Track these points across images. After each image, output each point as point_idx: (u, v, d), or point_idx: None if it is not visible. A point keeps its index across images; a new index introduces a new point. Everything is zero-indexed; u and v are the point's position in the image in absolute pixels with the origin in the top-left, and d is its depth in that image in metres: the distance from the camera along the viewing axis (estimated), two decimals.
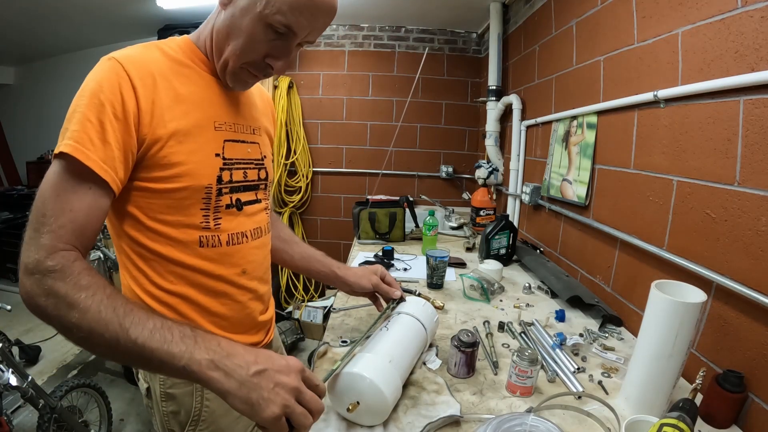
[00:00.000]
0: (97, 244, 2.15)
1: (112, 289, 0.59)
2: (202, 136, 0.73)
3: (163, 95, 0.68)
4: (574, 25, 1.69)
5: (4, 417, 1.40)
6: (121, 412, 2.07)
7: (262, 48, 0.71)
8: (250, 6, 0.68)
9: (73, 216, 0.61)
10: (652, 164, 1.21)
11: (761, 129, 0.85)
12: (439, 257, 1.51)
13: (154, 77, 0.68)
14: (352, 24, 3.18)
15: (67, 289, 0.56)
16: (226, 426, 0.83)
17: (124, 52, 0.69)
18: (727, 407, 0.84)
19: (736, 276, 0.90)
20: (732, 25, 0.92)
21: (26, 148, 3.76)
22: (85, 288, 0.57)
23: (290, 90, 3.12)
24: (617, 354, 1.10)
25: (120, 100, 0.64)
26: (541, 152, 2.08)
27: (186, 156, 0.70)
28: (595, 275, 1.52)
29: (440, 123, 3.29)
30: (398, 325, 0.98)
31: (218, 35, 0.74)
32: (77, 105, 0.63)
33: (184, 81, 0.73)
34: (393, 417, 0.83)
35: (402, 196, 2.56)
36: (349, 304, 1.39)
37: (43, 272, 0.57)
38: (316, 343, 2.69)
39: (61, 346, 2.64)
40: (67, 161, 0.61)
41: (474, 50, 3.23)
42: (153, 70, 0.69)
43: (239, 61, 0.72)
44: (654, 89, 1.15)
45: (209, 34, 0.77)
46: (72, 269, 0.58)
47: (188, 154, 0.70)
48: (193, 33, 0.82)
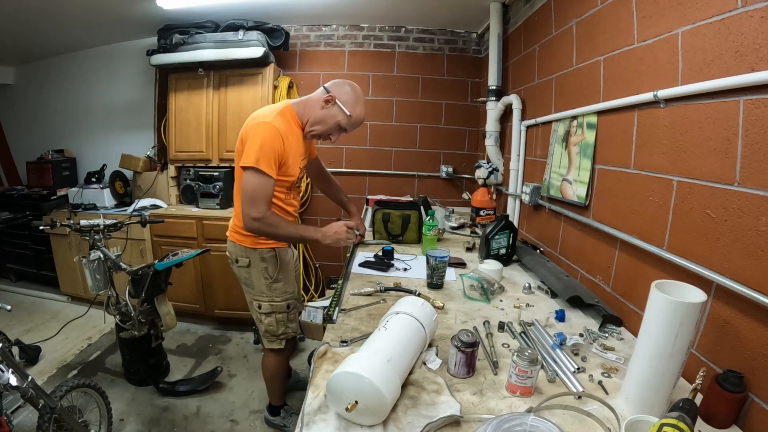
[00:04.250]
0: (98, 244, 2.14)
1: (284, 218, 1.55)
2: (296, 161, 1.58)
3: (286, 143, 1.48)
4: (574, 25, 1.69)
5: (4, 417, 1.40)
6: (121, 412, 2.07)
7: (329, 133, 1.58)
8: (336, 117, 1.53)
9: (265, 195, 1.44)
10: (652, 164, 1.21)
11: (761, 129, 0.85)
12: (439, 257, 1.51)
13: (284, 135, 1.47)
14: (352, 24, 3.18)
15: (272, 221, 1.45)
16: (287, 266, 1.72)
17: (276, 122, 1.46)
18: (727, 407, 0.83)
19: (736, 276, 0.90)
20: (732, 25, 0.92)
21: (26, 148, 3.75)
22: (278, 220, 1.48)
23: (290, 90, 3.12)
24: (617, 354, 1.10)
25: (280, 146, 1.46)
26: (541, 152, 2.08)
27: (291, 168, 1.55)
28: (595, 275, 1.52)
29: (440, 123, 3.29)
30: (397, 324, 0.98)
31: (313, 119, 1.55)
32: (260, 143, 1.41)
33: (293, 137, 1.53)
34: (393, 417, 0.83)
35: (421, 196, 2.58)
36: (349, 305, 1.39)
37: (261, 219, 1.43)
38: (316, 343, 2.69)
39: (61, 346, 2.64)
40: (260, 171, 1.41)
41: (474, 50, 3.23)
42: (283, 131, 1.47)
43: (317, 135, 1.60)
44: (654, 89, 1.15)
45: (309, 116, 1.56)
46: (271, 215, 1.46)
47: (291, 167, 1.55)
48: (299, 104, 1.59)
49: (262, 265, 1.63)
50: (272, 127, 1.43)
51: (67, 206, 3.14)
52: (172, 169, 3.20)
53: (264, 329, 1.73)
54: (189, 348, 2.78)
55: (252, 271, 1.64)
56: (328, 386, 0.82)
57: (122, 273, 2.15)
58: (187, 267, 2.74)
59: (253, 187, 1.41)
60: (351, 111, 1.51)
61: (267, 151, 1.41)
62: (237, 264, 1.67)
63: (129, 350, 2.22)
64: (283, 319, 1.71)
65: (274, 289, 1.67)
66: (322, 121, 1.52)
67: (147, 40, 3.29)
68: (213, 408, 2.17)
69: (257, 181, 1.41)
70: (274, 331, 1.71)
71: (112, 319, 2.22)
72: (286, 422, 1.98)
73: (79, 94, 3.60)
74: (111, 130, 3.60)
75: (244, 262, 1.64)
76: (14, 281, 3.69)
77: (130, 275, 2.10)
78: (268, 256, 1.64)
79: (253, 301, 1.71)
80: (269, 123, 1.43)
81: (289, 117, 1.53)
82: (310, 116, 1.54)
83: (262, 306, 1.68)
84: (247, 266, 1.64)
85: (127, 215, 2.71)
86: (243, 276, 1.68)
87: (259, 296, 1.68)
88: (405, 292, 1.45)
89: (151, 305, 2.15)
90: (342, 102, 1.50)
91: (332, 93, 1.51)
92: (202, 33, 2.92)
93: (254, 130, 1.43)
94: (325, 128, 1.54)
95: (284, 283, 1.69)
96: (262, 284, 1.65)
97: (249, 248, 1.62)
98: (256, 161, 1.39)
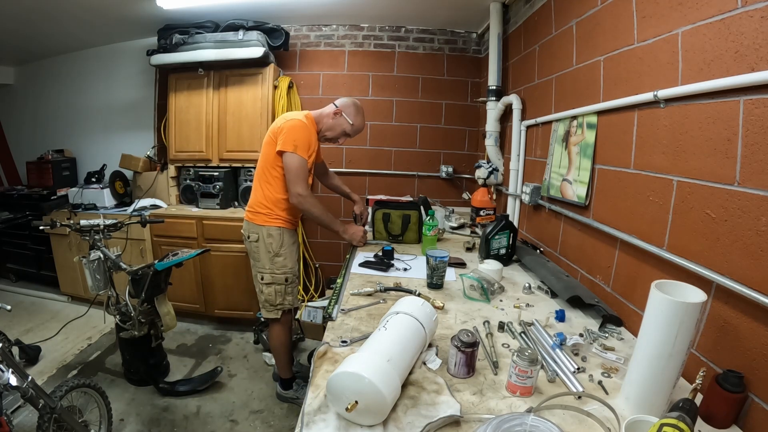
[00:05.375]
0: (98, 244, 2.15)
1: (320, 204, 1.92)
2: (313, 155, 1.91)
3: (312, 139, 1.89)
4: (574, 25, 1.69)
5: (4, 417, 1.40)
6: (121, 412, 2.07)
7: (337, 137, 1.99)
8: (342, 125, 1.97)
9: (305, 174, 1.85)
10: (652, 164, 1.21)
11: (761, 129, 0.85)
12: (439, 257, 1.51)
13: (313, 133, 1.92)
14: (352, 24, 3.18)
15: (313, 201, 1.88)
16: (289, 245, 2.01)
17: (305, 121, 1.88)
18: (727, 407, 0.83)
19: (736, 276, 0.90)
20: (732, 25, 0.92)
21: (26, 148, 3.75)
22: (316, 202, 1.90)
23: (290, 90, 3.12)
24: (617, 354, 1.10)
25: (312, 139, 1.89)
26: (541, 152, 2.08)
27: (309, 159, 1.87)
28: (595, 275, 1.52)
29: (440, 123, 3.30)
30: (397, 324, 0.98)
31: (326, 126, 1.97)
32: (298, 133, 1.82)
33: (313, 138, 1.91)
34: (393, 417, 0.83)
35: (421, 196, 2.58)
36: (349, 305, 1.39)
37: (305, 196, 1.84)
38: (316, 343, 2.69)
39: (61, 346, 2.65)
40: (299, 159, 1.81)
41: (474, 50, 3.23)
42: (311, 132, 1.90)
43: (328, 138, 2.01)
44: (654, 89, 1.15)
45: (323, 124, 1.97)
46: (311, 196, 1.89)
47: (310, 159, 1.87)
48: (316, 113, 1.99)
49: (268, 240, 1.95)
50: (305, 123, 1.87)
51: (67, 206, 3.14)
52: (172, 169, 3.20)
53: (264, 299, 2.01)
54: (189, 348, 2.78)
55: (259, 245, 1.96)
56: (328, 386, 0.82)
57: (122, 273, 2.15)
58: (187, 267, 2.74)
59: (296, 167, 1.82)
60: (353, 121, 1.98)
61: (304, 141, 1.83)
62: (248, 240, 1.99)
63: (129, 350, 2.22)
64: (281, 290, 2.00)
65: (275, 262, 1.97)
66: (332, 128, 1.97)
67: (147, 40, 3.29)
68: (213, 408, 2.17)
69: (298, 162, 1.82)
70: (273, 300, 2.00)
71: (112, 319, 2.22)
72: (299, 394, 2.18)
73: (80, 94, 3.61)
74: (111, 130, 3.60)
75: (254, 237, 1.96)
76: (14, 281, 3.69)
77: (130, 275, 2.10)
78: (274, 233, 1.95)
79: (257, 273, 2.00)
80: (304, 122, 1.87)
81: (310, 122, 1.94)
82: (324, 124, 1.98)
83: (264, 277, 1.98)
84: (255, 241, 1.96)
85: (127, 215, 2.71)
86: (252, 250, 2.00)
87: (262, 269, 1.98)
88: (405, 292, 1.45)
89: (151, 305, 2.15)
90: (346, 114, 1.97)
91: (340, 107, 1.97)
92: (202, 33, 2.92)
93: (292, 124, 1.83)
94: (334, 134, 1.99)
95: (285, 258, 1.99)
96: (266, 258, 1.96)
97: (259, 225, 1.95)
98: (295, 147, 1.80)
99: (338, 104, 1.98)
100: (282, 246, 1.97)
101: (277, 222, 1.95)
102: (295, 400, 2.18)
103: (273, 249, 1.95)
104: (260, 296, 2.02)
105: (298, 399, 2.16)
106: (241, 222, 1.94)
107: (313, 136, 1.90)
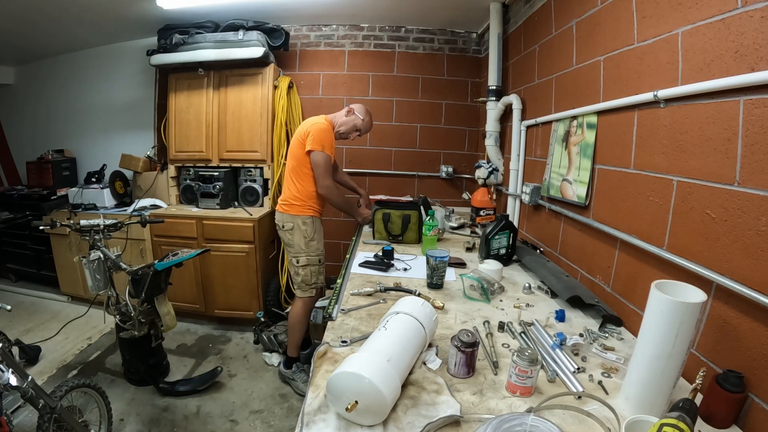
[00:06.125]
0: (98, 244, 2.15)
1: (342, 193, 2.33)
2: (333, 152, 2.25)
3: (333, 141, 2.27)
4: (574, 25, 1.69)
5: (4, 417, 1.40)
6: (121, 412, 2.06)
7: (349, 132, 2.33)
8: (354, 121, 2.31)
9: (330, 168, 2.21)
10: (652, 164, 1.21)
11: (761, 129, 0.85)
12: (439, 257, 1.51)
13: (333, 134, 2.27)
14: (352, 24, 3.18)
15: (338, 191, 2.27)
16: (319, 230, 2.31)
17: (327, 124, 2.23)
18: (727, 407, 0.83)
19: (736, 276, 0.90)
20: (732, 25, 0.92)
21: (26, 148, 3.75)
22: (340, 192, 2.29)
23: (290, 90, 3.12)
24: (617, 354, 1.10)
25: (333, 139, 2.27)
26: (541, 152, 2.08)
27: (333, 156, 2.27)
28: (595, 275, 1.52)
29: (440, 123, 3.29)
30: (397, 324, 0.98)
31: (340, 123, 2.30)
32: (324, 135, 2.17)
33: (333, 137, 2.26)
34: (393, 417, 0.83)
35: (421, 196, 2.59)
36: (349, 305, 1.39)
37: (331, 187, 2.20)
38: (316, 343, 2.68)
39: (61, 346, 2.65)
40: (325, 153, 2.15)
41: (474, 50, 3.23)
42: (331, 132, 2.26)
43: (342, 133, 2.31)
44: (654, 89, 1.15)
45: (338, 121, 2.30)
46: (336, 186, 2.27)
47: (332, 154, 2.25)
48: (332, 116, 2.32)
49: (303, 228, 2.21)
50: (329, 126, 2.21)
51: (67, 206, 3.14)
52: (172, 169, 3.20)
53: (300, 279, 2.25)
54: (189, 348, 2.78)
55: (294, 233, 2.22)
56: (328, 386, 0.82)
57: (122, 273, 2.15)
58: (187, 267, 2.74)
59: (324, 163, 2.13)
60: (363, 117, 2.32)
61: (328, 141, 2.16)
62: (283, 228, 2.24)
63: (129, 350, 2.22)
64: (316, 271, 2.28)
65: (310, 246, 2.24)
66: (345, 123, 2.29)
67: (147, 40, 3.29)
68: (213, 408, 2.17)
69: (325, 159, 2.13)
70: (308, 280, 2.26)
71: (112, 319, 2.22)
72: (295, 376, 2.35)
73: (79, 94, 3.60)
74: (111, 130, 3.60)
75: (289, 226, 2.22)
76: (14, 281, 3.69)
77: (130, 275, 2.10)
78: (308, 221, 2.22)
79: (293, 258, 2.26)
80: (326, 124, 2.20)
81: (330, 123, 2.26)
82: (338, 122, 2.30)
83: (300, 260, 2.23)
84: (291, 229, 2.22)
85: (127, 215, 2.71)
86: (287, 238, 2.25)
87: (297, 253, 2.23)
88: (405, 292, 1.45)
89: (151, 305, 2.15)
90: (358, 112, 2.31)
91: (352, 107, 2.32)
92: (202, 33, 2.92)
93: (318, 127, 2.15)
94: (347, 128, 2.30)
95: (317, 242, 2.28)
96: (302, 242, 2.22)
97: (294, 215, 2.21)
98: (322, 147, 2.12)
99: (351, 106, 2.34)
100: (315, 231, 2.26)
101: (309, 212, 2.22)
102: (291, 380, 2.35)
103: (308, 234, 2.22)
104: (296, 278, 2.27)
105: (293, 381, 2.34)
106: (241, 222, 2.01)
107: (333, 136, 2.24)
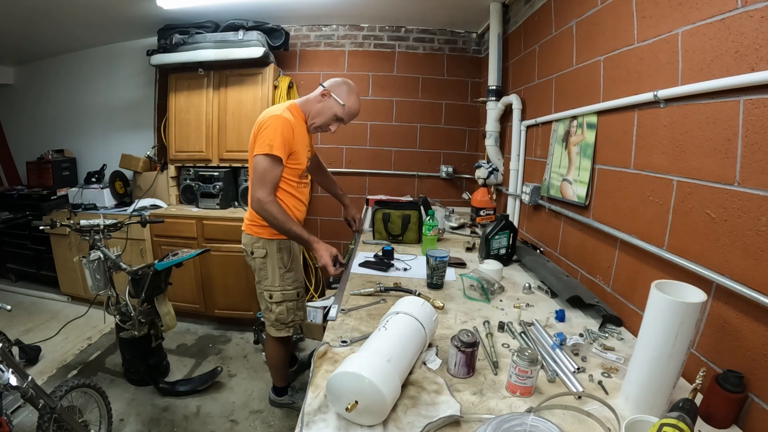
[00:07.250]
0: (98, 244, 2.15)
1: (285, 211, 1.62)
2: (303, 150, 1.73)
3: (295, 133, 1.64)
4: (574, 25, 1.69)
5: (4, 417, 1.40)
6: (121, 412, 2.06)
7: (327, 123, 1.74)
8: (332, 108, 1.70)
9: (273, 177, 1.60)
10: (652, 164, 1.21)
11: (761, 129, 0.85)
12: (439, 257, 1.51)
13: (293, 126, 1.64)
14: (352, 24, 3.18)
15: (275, 207, 1.59)
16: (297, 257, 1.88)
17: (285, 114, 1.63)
18: (727, 407, 0.83)
19: (736, 276, 0.90)
20: (732, 25, 0.92)
21: (26, 148, 3.75)
22: (280, 209, 1.60)
23: (290, 90, 3.12)
24: (617, 354, 1.10)
25: (290, 134, 1.61)
26: (541, 152, 2.08)
27: (300, 156, 1.71)
28: (595, 275, 1.52)
29: (440, 123, 3.29)
30: (397, 324, 0.98)
31: (313, 112, 1.73)
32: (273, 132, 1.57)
33: (299, 128, 1.69)
34: (393, 417, 0.83)
35: (421, 196, 2.59)
36: (349, 305, 1.39)
37: (265, 202, 1.57)
38: (316, 343, 2.69)
39: (61, 346, 2.64)
40: (272, 156, 1.56)
41: (474, 50, 3.23)
42: (293, 123, 1.64)
43: (318, 126, 1.75)
44: (654, 89, 1.15)
45: (309, 109, 1.74)
46: (274, 201, 1.60)
47: (300, 156, 1.71)
48: (302, 101, 1.76)
49: (278, 255, 1.77)
50: (283, 118, 1.61)
51: (67, 206, 3.14)
52: (172, 169, 3.20)
53: (274, 318, 1.83)
54: (189, 348, 2.78)
55: (268, 262, 1.77)
56: (328, 386, 0.82)
57: (122, 273, 2.15)
58: (187, 267, 2.73)
59: (263, 169, 1.58)
60: (345, 101, 1.70)
61: (279, 138, 1.57)
62: (252, 256, 1.79)
63: (129, 350, 2.22)
64: (293, 307, 1.85)
65: (287, 278, 1.81)
66: (321, 113, 1.72)
67: (147, 40, 3.29)
68: (213, 408, 2.17)
69: (268, 164, 1.58)
70: (284, 319, 1.84)
71: (112, 319, 2.22)
72: (294, 399, 2.10)
73: (79, 94, 3.60)
74: (111, 130, 3.60)
75: (260, 253, 1.77)
76: (14, 281, 3.69)
77: (130, 275, 2.10)
78: (284, 246, 1.78)
79: (264, 291, 1.82)
80: (280, 115, 1.61)
81: (296, 112, 1.71)
82: (311, 110, 1.73)
83: (273, 296, 1.80)
84: (263, 257, 1.77)
85: (127, 215, 2.71)
86: (258, 267, 1.80)
87: (270, 287, 1.80)
88: (405, 292, 1.45)
89: (151, 305, 2.15)
90: (336, 94, 1.70)
91: (328, 88, 1.71)
92: (202, 33, 2.92)
93: (268, 122, 1.60)
94: (323, 119, 1.72)
95: (295, 272, 1.85)
96: (276, 274, 1.78)
97: (267, 239, 1.75)
98: (270, 148, 1.57)
99: (326, 85, 1.72)
100: (292, 260, 1.80)
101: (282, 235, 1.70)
102: (291, 404, 2.11)
103: (284, 264, 1.77)
104: (269, 315, 1.84)
105: (294, 403, 2.09)
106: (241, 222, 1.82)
107: (298, 129, 1.65)
